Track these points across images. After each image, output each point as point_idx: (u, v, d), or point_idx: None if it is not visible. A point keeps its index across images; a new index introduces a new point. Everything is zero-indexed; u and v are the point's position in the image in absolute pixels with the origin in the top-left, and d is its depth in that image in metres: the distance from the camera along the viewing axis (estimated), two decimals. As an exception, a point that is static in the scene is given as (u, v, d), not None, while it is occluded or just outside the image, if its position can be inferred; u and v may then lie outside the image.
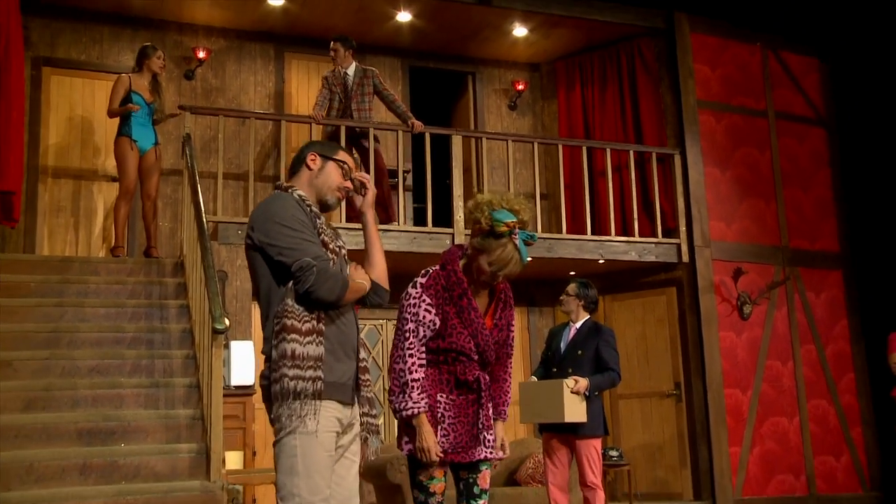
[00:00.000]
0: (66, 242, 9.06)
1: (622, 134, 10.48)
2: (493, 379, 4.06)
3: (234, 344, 7.60)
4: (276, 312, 3.19)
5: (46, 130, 9.15)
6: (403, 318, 3.91)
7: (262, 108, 9.89)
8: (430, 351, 3.90)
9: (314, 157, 3.46)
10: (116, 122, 8.18)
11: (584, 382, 5.99)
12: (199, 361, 6.49)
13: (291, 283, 3.19)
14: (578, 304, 6.40)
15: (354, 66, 9.05)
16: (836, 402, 10.37)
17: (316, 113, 8.84)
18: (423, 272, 3.99)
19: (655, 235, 9.79)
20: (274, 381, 3.15)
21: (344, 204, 8.63)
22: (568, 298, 6.44)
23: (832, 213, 10.96)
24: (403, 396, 3.81)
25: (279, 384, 3.13)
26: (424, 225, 8.98)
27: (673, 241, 9.83)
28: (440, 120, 10.90)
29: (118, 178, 8.25)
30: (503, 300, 4.05)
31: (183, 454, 5.78)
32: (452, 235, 8.83)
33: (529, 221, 3.91)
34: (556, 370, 6.30)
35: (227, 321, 5.65)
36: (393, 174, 9.38)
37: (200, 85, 9.79)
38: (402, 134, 9.23)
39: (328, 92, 8.99)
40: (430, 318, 3.88)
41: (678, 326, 9.84)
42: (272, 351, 3.18)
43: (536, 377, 6.50)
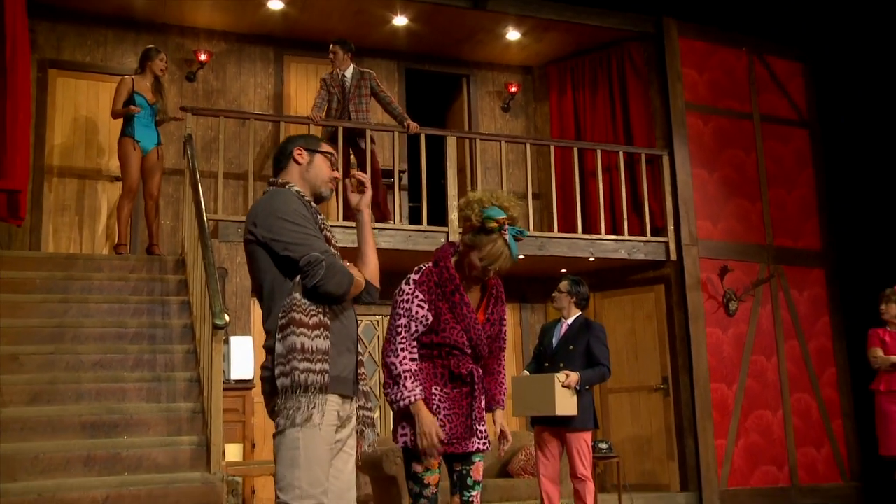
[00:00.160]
0: (70, 240, 9.04)
1: (612, 135, 10.47)
2: (487, 372, 4.07)
3: (233, 339, 7.58)
4: (283, 306, 3.14)
5: (52, 131, 9.13)
6: (396, 313, 3.91)
7: (261, 109, 9.86)
8: (424, 346, 3.89)
9: (300, 151, 3.42)
10: (120, 122, 8.19)
11: (574, 377, 5.98)
12: (199, 356, 6.49)
13: (299, 277, 3.15)
14: (570, 300, 6.39)
15: (352, 68, 9.03)
16: (817, 395, 10.38)
17: (314, 114, 8.82)
18: (416, 269, 3.99)
19: (644, 234, 9.78)
20: (283, 374, 3.10)
21: (342, 202, 8.63)
22: (560, 295, 6.43)
23: (815, 212, 10.97)
24: (398, 387, 3.80)
25: (290, 377, 3.08)
26: (420, 224, 8.97)
27: (661, 239, 9.82)
28: (435, 121, 10.88)
29: (121, 177, 8.26)
30: (495, 295, 4.05)
31: (184, 446, 5.77)
32: (447, 234, 8.81)
33: (519, 218, 3.90)
34: (547, 365, 6.29)
35: (226, 317, 5.64)
36: (389, 174, 9.36)
37: (202, 87, 9.77)
38: (398, 135, 9.21)
39: (326, 93, 8.97)
40: (422, 313, 3.87)
41: (666, 323, 9.83)
42: (277, 344, 3.12)
43: (529, 372, 6.49)
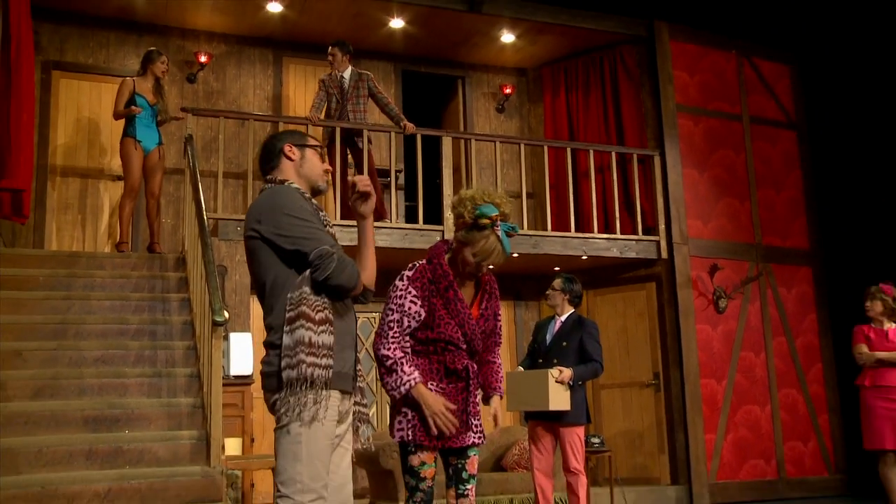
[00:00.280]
0: (73, 238, 9.03)
1: (605, 136, 10.47)
2: (482, 363, 4.07)
3: (233, 336, 7.56)
4: (291, 299, 3.11)
5: (55, 131, 9.12)
6: (389, 308, 3.90)
7: (260, 110, 9.84)
8: (419, 342, 3.88)
9: (291, 147, 3.38)
10: (122, 123, 8.19)
11: (568, 372, 5.98)
12: (199, 352, 6.49)
13: (308, 271, 3.12)
14: (564, 298, 6.38)
15: (350, 70, 9.01)
16: (804, 391, 10.40)
17: (312, 115, 8.80)
18: (409, 266, 3.98)
19: (636, 233, 9.78)
20: (289, 366, 3.06)
21: (339, 201, 8.62)
22: (554, 293, 6.43)
23: (803, 212, 10.98)
24: (396, 375, 3.79)
25: (296, 370, 3.05)
26: (416, 222, 8.95)
27: (652, 238, 9.82)
28: (431, 122, 10.87)
29: (123, 176, 8.25)
30: (488, 291, 4.05)
31: (184, 440, 5.77)
32: (442, 232, 8.79)
33: (511, 215, 3.90)
34: (541, 361, 6.29)
35: (226, 314, 5.65)
36: (385, 174, 9.37)
37: (202, 88, 9.75)
38: (394, 135, 9.19)
39: (324, 94, 8.96)
40: (415, 309, 3.86)
41: (657, 320, 9.83)
42: (285, 337, 3.08)
43: (523, 367, 6.49)
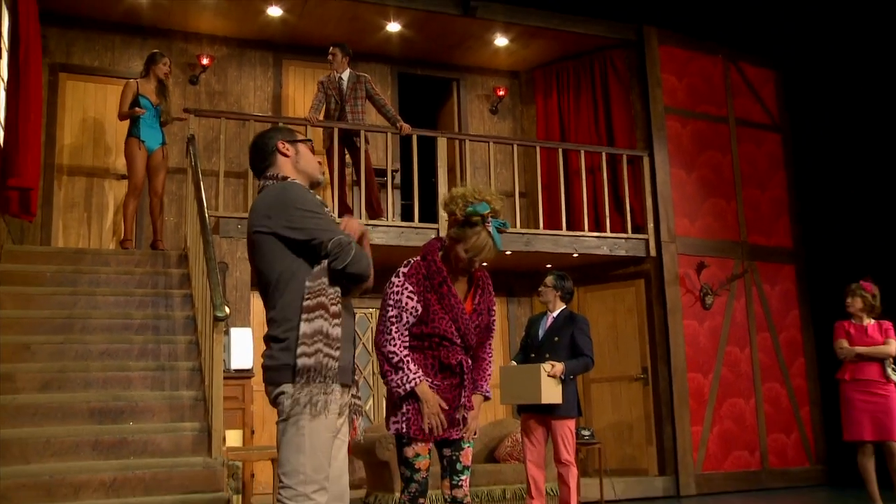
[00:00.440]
0: (79, 235, 9.01)
1: (595, 137, 10.48)
2: (474, 359, 4.05)
3: (233, 330, 7.57)
4: (310, 289, 3.08)
5: (62, 131, 9.11)
6: (387, 304, 3.90)
7: (261, 111, 9.83)
8: (414, 337, 3.89)
9: (284, 144, 3.37)
10: (126, 123, 8.18)
11: (560, 367, 5.98)
12: (201, 346, 6.48)
13: (326, 262, 3.11)
14: (555, 294, 6.38)
15: (349, 72, 9.01)
16: (787, 384, 10.43)
17: (311, 115, 8.80)
18: (404, 262, 3.99)
19: (625, 231, 9.79)
20: (306, 354, 3.03)
21: (337, 199, 8.61)
22: (546, 289, 6.43)
23: (786, 211, 11.01)
24: (402, 372, 3.80)
25: (313, 358, 3.03)
26: (411, 220, 8.95)
27: (641, 236, 9.84)
28: (426, 123, 10.86)
29: (127, 175, 8.25)
30: (482, 287, 4.05)
31: (186, 432, 5.77)
32: (437, 230, 8.79)
33: (501, 211, 3.91)
34: (534, 355, 6.29)
35: (227, 309, 5.63)
36: (382, 173, 9.36)
37: (204, 89, 9.74)
38: (391, 136, 9.20)
39: (323, 95, 8.95)
40: (412, 304, 3.87)
41: (646, 316, 9.85)
42: (303, 325, 3.05)
43: (516, 362, 6.48)
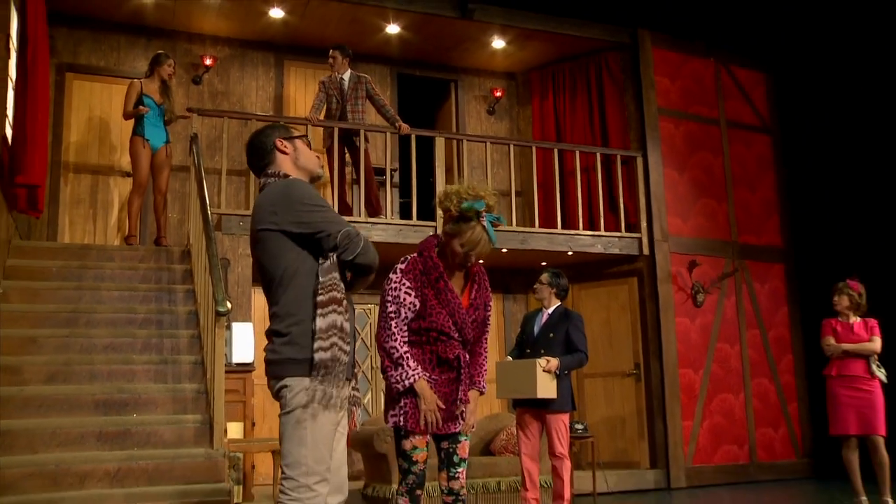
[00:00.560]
0: (84, 231, 9.02)
1: (590, 138, 10.49)
2: (470, 354, 4.05)
3: (235, 325, 7.58)
4: (323, 284, 3.08)
5: (68, 130, 9.11)
6: (386, 301, 3.91)
7: (262, 110, 9.83)
8: (413, 332, 3.90)
9: (282, 142, 3.35)
10: (131, 122, 8.18)
11: (555, 362, 6.00)
12: (203, 341, 6.49)
13: (335, 255, 3.11)
14: (551, 291, 6.39)
15: (349, 72, 9.01)
16: (776, 380, 10.46)
17: (312, 115, 8.81)
18: (402, 259, 4.01)
19: (619, 230, 9.81)
20: (322, 349, 3.04)
21: (337, 198, 8.62)
22: (541, 286, 6.44)
23: (776, 211, 11.03)
24: (402, 369, 3.81)
25: (330, 352, 3.05)
26: (410, 218, 8.96)
27: (635, 235, 9.85)
28: (425, 123, 10.87)
29: (132, 173, 8.25)
30: (478, 282, 4.06)
31: (189, 424, 5.78)
32: (435, 228, 8.79)
33: (495, 206, 3.92)
34: (529, 351, 6.30)
35: (229, 304, 5.64)
36: (381, 172, 9.36)
37: (207, 89, 9.74)
38: (390, 135, 9.20)
39: (324, 95, 8.96)
40: (410, 299, 3.88)
41: (639, 313, 9.86)
42: (318, 320, 3.05)
43: (512, 357, 6.50)
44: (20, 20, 6.99)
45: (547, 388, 5.98)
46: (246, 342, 7.63)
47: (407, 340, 3.87)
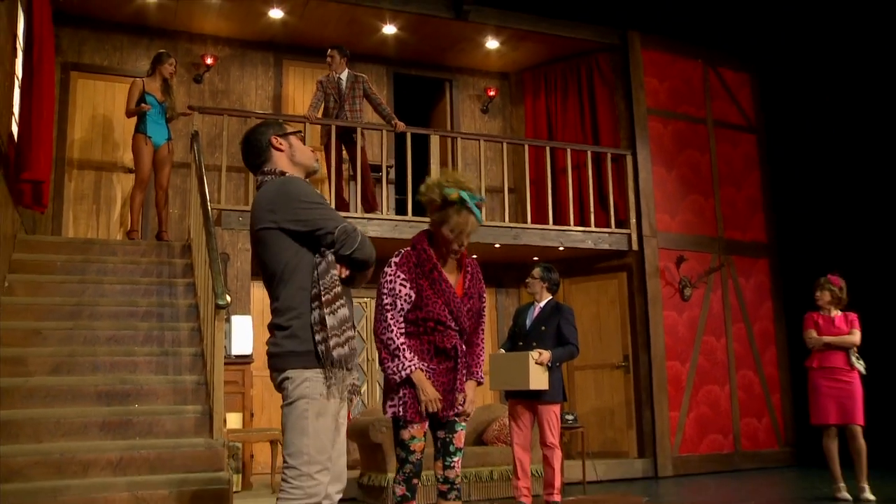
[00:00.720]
0: (88, 226, 9.00)
1: (581, 136, 10.49)
2: (467, 345, 4.06)
3: (234, 318, 7.58)
4: (324, 283, 3.08)
5: (72, 127, 9.09)
6: (382, 294, 3.91)
7: (262, 108, 9.82)
8: (410, 322, 3.89)
9: (277, 139, 3.32)
10: (134, 120, 8.16)
11: (547, 354, 6.01)
12: (203, 333, 6.48)
13: (331, 254, 3.11)
14: (542, 286, 6.40)
15: (347, 72, 9.00)
16: (760, 372, 10.49)
17: (310, 113, 8.80)
18: (395, 253, 4.02)
19: (609, 226, 9.82)
20: (339, 344, 3.07)
21: (334, 194, 8.61)
22: (533, 281, 6.44)
23: (761, 208, 11.05)
24: (398, 360, 3.81)
25: (346, 346, 3.09)
26: (405, 214, 8.96)
27: (624, 231, 9.86)
28: (420, 121, 10.86)
29: (134, 169, 8.24)
30: (471, 272, 4.07)
31: (189, 414, 5.77)
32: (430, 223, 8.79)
33: (475, 189, 3.93)
34: (521, 344, 6.30)
35: (228, 298, 5.62)
36: (377, 169, 9.35)
37: (208, 88, 9.72)
38: (386, 133, 9.19)
39: (322, 94, 8.94)
40: (405, 291, 3.88)
41: (628, 306, 9.88)
42: (328, 317, 3.06)
43: (504, 350, 6.50)
44: (26, 21, 6.97)
45: (539, 379, 5.99)
46: (245, 335, 7.63)
47: (404, 332, 3.87)
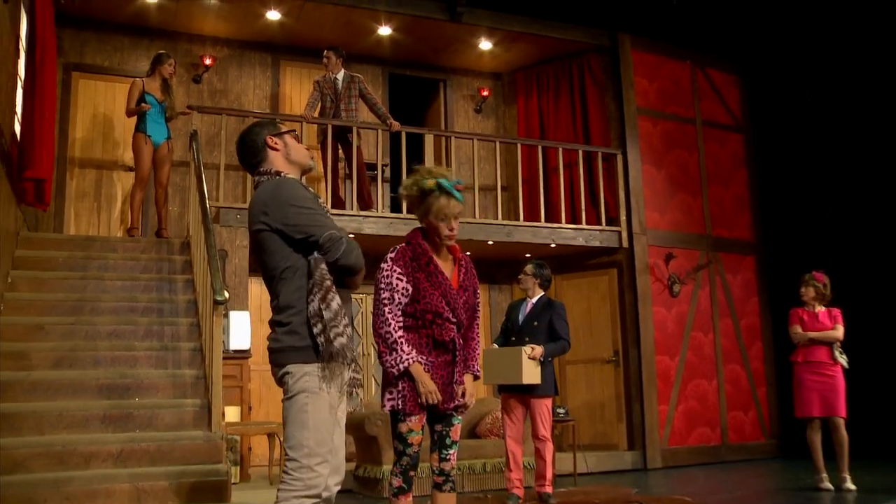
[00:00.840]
0: (89, 224, 8.99)
1: (572, 136, 10.50)
2: (463, 339, 4.06)
3: (232, 314, 7.57)
4: (315, 279, 3.09)
5: (74, 127, 9.08)
6: (380, 288, 3.92)
7: (259, 108, 9.81)
8: (408, 315, 3.90)
9: (273, 139, 3.32)
10: (134, 119, 8.15)
11: (539, 349, 6.03)
12: (202, 328, 6.48)
13: (318, 253, 3.12)
14: (535, 282, 6.42)
15: (343, 72, 9.00)
16: (747, 366, 10.53)
17: (306, 113, 8.80)
18: (391, 249, 4.03)
19: (600, 224, 9.83)
20: (337, 335, 3.07)
21: (330, 192, 8.62)
22: (525, 277, 6.46)
23: (748, 207, 11.08)
24: (396, 353, 3.81)
25: (344, 336, 3.08)
26: (400, 212, 8.94)
27: (614, 228, 9.88)
28: (415, 121, 10.86)
29: (134, 168, 8.23)
30: (465, 266, 4.07)
31: (188, 408, 5.78)
32: (425, 221, 8.79)
33: (450, 175, 3.96)
34: (514, 339, 6.33)
35: (226, 294, 5.63)
36: (373, 167, 9.36)
37: (206, 88, 9.71)
38: (381, 132, 9.20)
39: (319, 94, 8.94)
40: (402, 285, 3.89)
41: (618, 302, 9.90)
42: (325, 312, 3.06)
43: (497, 345, 6.52)
44: (29, 22, 6.95)
45: (532, 374, 6.01)
46: (243, 330, 7.63)
47: (401, 325, 3.88)
